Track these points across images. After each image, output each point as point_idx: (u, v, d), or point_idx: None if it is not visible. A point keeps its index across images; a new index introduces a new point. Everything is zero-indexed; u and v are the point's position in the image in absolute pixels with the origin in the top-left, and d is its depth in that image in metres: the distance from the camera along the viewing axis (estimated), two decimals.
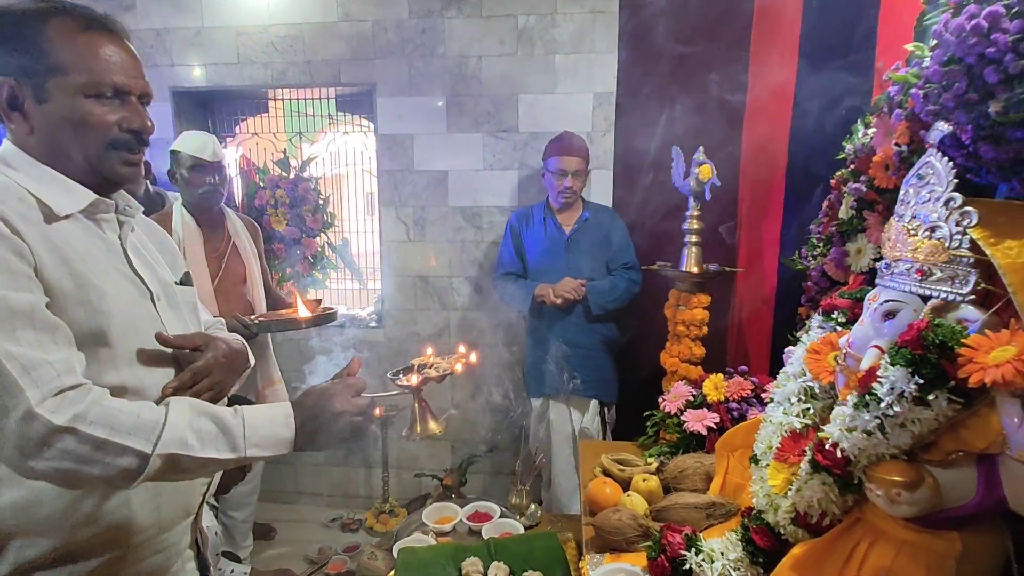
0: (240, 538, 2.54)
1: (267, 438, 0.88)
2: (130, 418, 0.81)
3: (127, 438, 0.79)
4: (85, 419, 0.78)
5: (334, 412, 0.92)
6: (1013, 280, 0.80)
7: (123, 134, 0.94)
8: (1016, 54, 0.80)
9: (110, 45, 0.93)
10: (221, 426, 0.86)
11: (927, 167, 0.90)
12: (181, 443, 0.82)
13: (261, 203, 3.10)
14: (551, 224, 2.59)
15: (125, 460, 0.80)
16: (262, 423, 0.89)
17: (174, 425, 0.83)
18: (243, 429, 0.87)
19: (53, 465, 0.77)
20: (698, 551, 1.06)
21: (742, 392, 1.63)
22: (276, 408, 0.92)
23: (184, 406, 0.87)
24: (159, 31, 2.98)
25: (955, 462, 0.82)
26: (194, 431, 0.84)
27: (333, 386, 0.96)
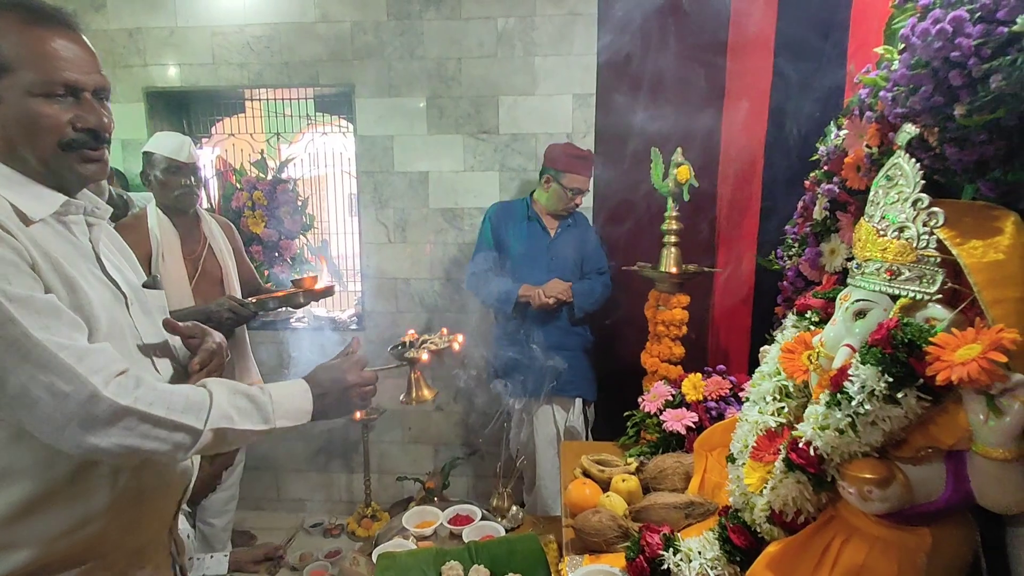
0: (219, 545, 2.50)
1: (291, 411, 0.97)
2: (181, 399, 0.87)
3: (181, 416, 0.86)
4: (145, 400, 0.83)
5: (346, 384, 1.03)
6: (978, 279, 0.81)
7: (78, 134, 0.90)
8: (979, 58, 0.82)
9: (59, 39, 0.88)
10: (254, 402, 0.94)
11: (895, 168, 0.92)
12: (226, 418, 0.90)
13: (238, 205, 3.06)
14: (536, 226, 2.59)
15: (179, 436, 0.86)
16: (286, 398, 0.97)
17: (219, 403, 0.90)
18: (271, 404, 0.95)
19: (116, 441, 0.81)
20: (676, 551, 1.07)
21: (720, 391, 1.64)
22: (294, 384, 1.01)
23: (222, 386, 0.93)
24: (131, 31, 2.92)
25: (925, 458, 0.83)
26: (234, 407, 0.91)
27: (343, 362, 1.06)
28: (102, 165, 0.95)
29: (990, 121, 0.84)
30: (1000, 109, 0.82)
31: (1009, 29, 0.78)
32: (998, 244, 0.83)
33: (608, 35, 2.73)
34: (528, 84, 2.85)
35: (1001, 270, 0.81)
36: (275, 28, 2.89)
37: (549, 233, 2.59)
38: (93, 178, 0.95)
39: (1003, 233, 0.83)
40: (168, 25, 2.91)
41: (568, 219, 2.60)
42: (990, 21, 0.81)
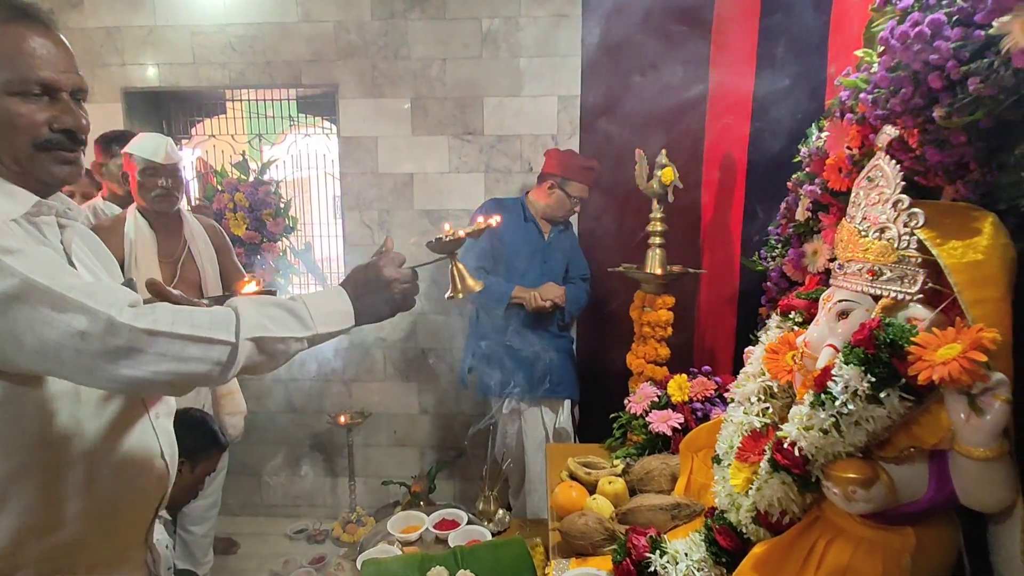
0: (200, 553, 2.45)
1: (331, 314, 0.94)
2: (205, 316, 0.84)
3: (210, 331, 0.83)
4: (165, 321, 0.80)
5: (386, 280, 0.99)
6: (958, 279, 0.82)
7: (54, 134, 0.88)
8: (958, 61, 0.82)
9: (36, 37, 0.86)
10: (287, 309, 0.91)
11: (876, 170, 0.93)
12: (260, 327, 0.86)
13: (219, 207, 3.01)
14: (533, 228, 2.58)
15: (216, 352, 0.83)
16: (321, 302, 0.94)
17: (247, 314, 0.86)
18: (307, 310, 0.92)
19: (152, 368, 0.79)
20: (663, 553, 1.06)
21: (706, 392, 1.65)
22: (328, 290, 0.98)
23: (247, 301, 0.90)
24: (109, 29, 2.87)
25: (908, 458, 0.84)
26: (266, 316, 0.88)
27: (379, 259, 1.02)
28: (76, 167, 0.93)
29: (969, 123, 0.85)
30: (978, 111, 0.83)
31: (986, 32, 0.78)
32: (977, 244, 0.84)
33: (593, 37, 2.73)
34: (513, 85, 2.84)
35: (980, 270, 0.82)
36: (257, 28, 2.85)
37: (544, 236, 2.59)
38: (67, 180, 0.93)
39: (982, 234, 0.84)
40: (147, 24, 2.86)
41: (560, 224, 2.61)
42: (968, 24, 0.81)
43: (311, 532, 3.02)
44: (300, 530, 3.05)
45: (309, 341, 0.92)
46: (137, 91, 2.95)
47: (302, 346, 0.92)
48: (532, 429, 2.57)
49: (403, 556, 1.51)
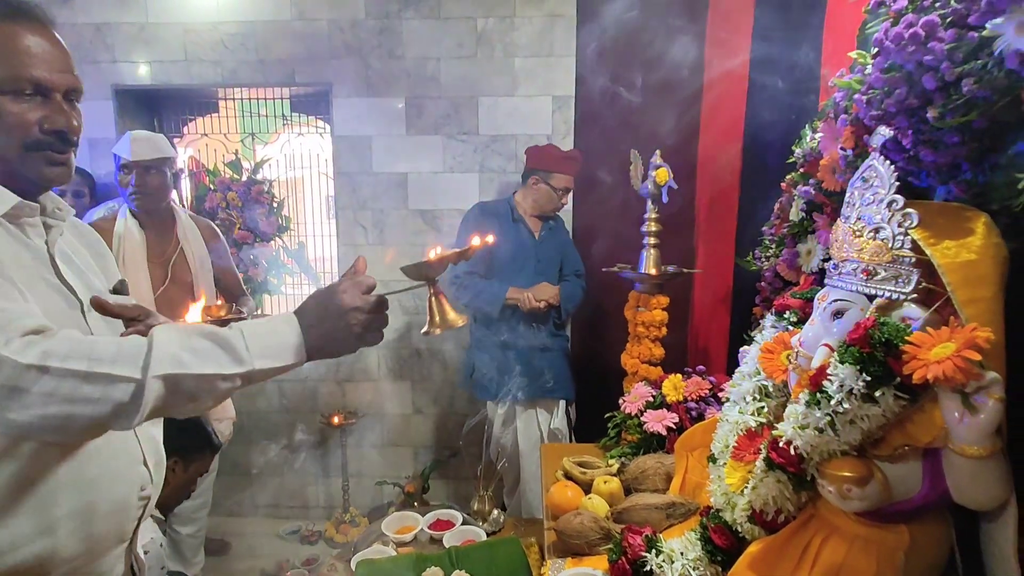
0: (190, 554, 2.43)
1: (272, 346, 0.81)
2: (110, 347, 0.74)
3: (112, 366, 0.73)
4: (57, 354, 0.71)
5: (345, 308, 0.83)
6: (952, 279, 0.83)
7: (45, 135, 0.86)
8: (951, 62, 0.83)
9: (31, 36, 0.85)
10: (217, 340, 0.79)
11: (870, 170, 0.93)
12: (175, 362, 0.75)
13: (211, 206, 2.99)
14: (522, 228, 2.57)
15: (117, 391, 0.72)
16: (263, 332, 0.81)
17: (162, 344, 0.75)
18: (243, 341, 0.79)
19: (38, 413, 0.70)
20: (658, 552, 1.07)
21: (700, 392, 1.65)
22: (277, 318, 0.85)
23: (171, 329, 0.79)
24: (99, 26, 2.84)
25: (902, 457, 0.84)
26: (187, 349, 0.76)
27: (340, 283, 0.87)
28: (67, 168, 0.91)
29: (962, 124, 0.86)
30: (972, 112, 0.84)
31: (980, 34, 0.79)
32: (970, 244, 0.84)
33: (588, 37, 2.74)
34: (508, 85, 2.84)
35: (974, 270, 0.83)
36: (250, 26, 2.83)
37: (535, 235, 2.58)
38: (57, 181, 0.91)
39: (975, 234, 0.85)
40: (138, 21, 2.83)
41: (550, 221, 2.61)
42: (962, 26, 0.82)
43: (304, 533, 3.01)
44: (293, 531, 3.03)
45: (244, 379, 0.79)
46: (128, 89, 2.92)
47: (233, 384, 0.79)
48: (527, 429, 2.56)
49: (398, 556, 1.51)
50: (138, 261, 2.09)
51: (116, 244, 2.07)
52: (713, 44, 2.39)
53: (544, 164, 2.49)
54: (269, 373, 0.81)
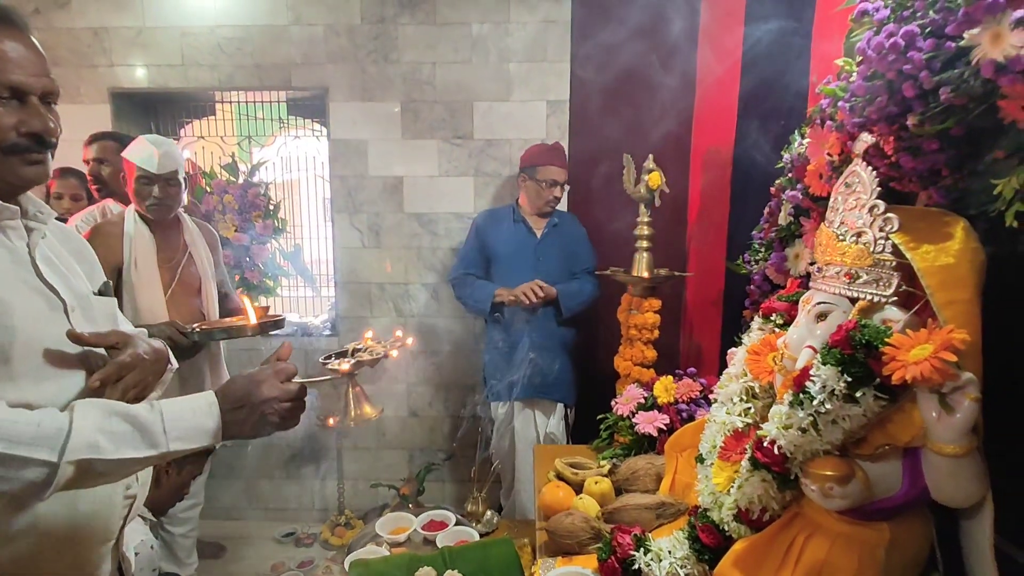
0: (184, 555, 2.43)
1: (190, 430, 0.85)
2: (29, 428, 0.76)
3: (29, 449, 0.75)
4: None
5: (262, 398, 0.89)
6: (930, 282, 0.85)
7: (21, 139, 0.87)
8: (930, 71, 0.85)
9: (6, 40, 0.85)
10: (136, 424, 0.82)
11: (853, 176, 0.96)
12: (91, 447, 0.78)
13: (208, 208, 3.00)
14: (523, 227, 2.60)
15: (31, 472, 0.75)
16: (184, 414, 0.85)
17: (81, 430, 0.78)
18: (162, 424, 0.83)
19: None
20: (647, 551, 1.08)
21: (691, 393, 1.67)
22: (198, 399, 0.88)
23: (91, 408, 0.82)
24: (96, 30, 2.86)
25: (883, 456, 0.86)
26: (105, 433, 0.80)
27: (261, 371, 0.92)
28: (44, 168, 0.92)
29: (941, 131, 0.88)
30: (950, 119, 0.86)
31: (957, 44, 0.81)
32: (949, 249, 0.87)
33: (582, 42, 2.77)
34: (502, 90, 2.86)
35: (952, 273, 0.85)
36: (247, 30, 2.85)
37: (535, 234, 2.60)
38: (35, 181, 0.91)
39: (953, 238, 0.87)
40: (135, 25, 2.85)
41: (554, 219, 2.61)
42: (940, 36, 0.84)
43: (299, 535, 3.01)
44: (288, 533, 3.04)
45: (157, 460, 0.84)
46: (125, 92, 2.93)
47: (146, 465, 0.84)
48: (524, 430, 2.58)
49: (391, 557, 1.52)
50: (150, 264, 2.10)
51: (127, 246, 2.07)
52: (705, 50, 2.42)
53: (528, 161, 2.55)
54: (182, 454, 0.85)
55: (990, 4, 0.77)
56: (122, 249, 2.07)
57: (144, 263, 2.09)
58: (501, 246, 2.60)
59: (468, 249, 2.67)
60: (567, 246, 2.60)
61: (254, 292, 3.10)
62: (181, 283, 2.19)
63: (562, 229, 2.62)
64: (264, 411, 0.89)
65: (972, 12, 0.79)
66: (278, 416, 0.91)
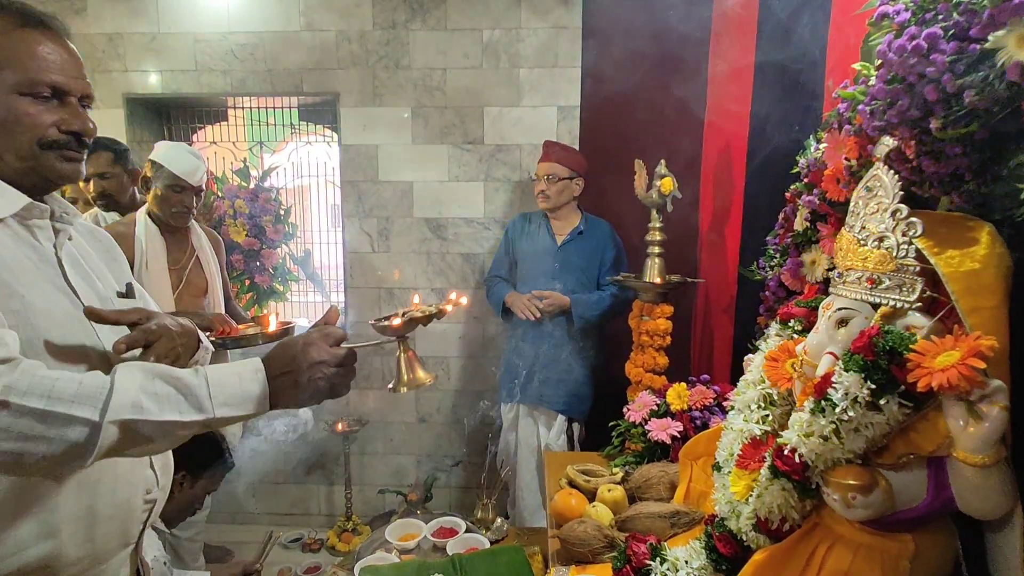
0: (190, 559, 2.42)
1: (236, 395, 0.82)
2: (71, 386, 0.74)
3: (70, 407, 0.73)
4: (17, 390, 0.71)
5: (310, 362, 0.85)
6: (955, 288, 0.83)
7: (61, 135, 0.90)
8: (953, 74, 0.84)
9: (48, 43, 0.89)
10: (180, 387, 0.79)
11: (875, 180, 0.94)
12: (135, 407, 0.75)
13: (219, 213, 3.02)
14: (545, 232, 2.58)
15: (73, 432, 0.73)
16: (229, 380, 0.82)
17: (123, 389, 0.76)
18: (207, 388, 0.80)
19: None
20: (663, 560, 1.07)
21: (704, 401, 1.65)
22: (244, 364, 0.85)
23: (134, 369, 0.80)
24: (111, 36, 2.89)
25: (906, 465, 0.85)
26: (148, 394, 0.77)
27: (309, 335, 0.88)
28: (78, 167, 0.94)
29: (964, 135, 0.87)
30: (973, 123, 0.84)
31: (981, 47, 0.80)
32: (974, 254, 0.85)
33: (592, 48, 2.77)
34: (513, 95, 2.87)
35: (977, 279, 0.83)
36: (259, 36, 2.87)
37: (556, 240, 2.56)
38: (70, 178, 0.94)
39: (979, 243, 0.86)
40: (150, 31, 2.88)
41: (580, 225, 2.56)
42: (963, 39, 0.83)
43: (306, 541, 3.00)
44: (295, 539, 3.03)
45: (202, 426, 0.80)
46: (138, 97, 2.96)
47: (190, 432, 0.80)
48: (526, 437, 2.56)
49: (401, 563, 1.50)
50: (161, 267, 2.14)
51: (138, 249, 2.10)
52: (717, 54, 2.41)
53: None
54: (229, 421, 0.82)
55: (1016, 5, 0.76)
56: (133, 252, 2.09)
57: (155, 266, 2.12)
58: (524, 250, 2.61)
59: (499, 252, 2.72)
60: (592, 254, 2.53)
61: (264, 297, 3.11)
62: (188, 286, 2.22)
63: (588, 236, 2.55)
64: (313, 376, 0.85)
65: (997, 14, 0.78)
66: (327, 382, 0.86)
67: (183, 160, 2.12)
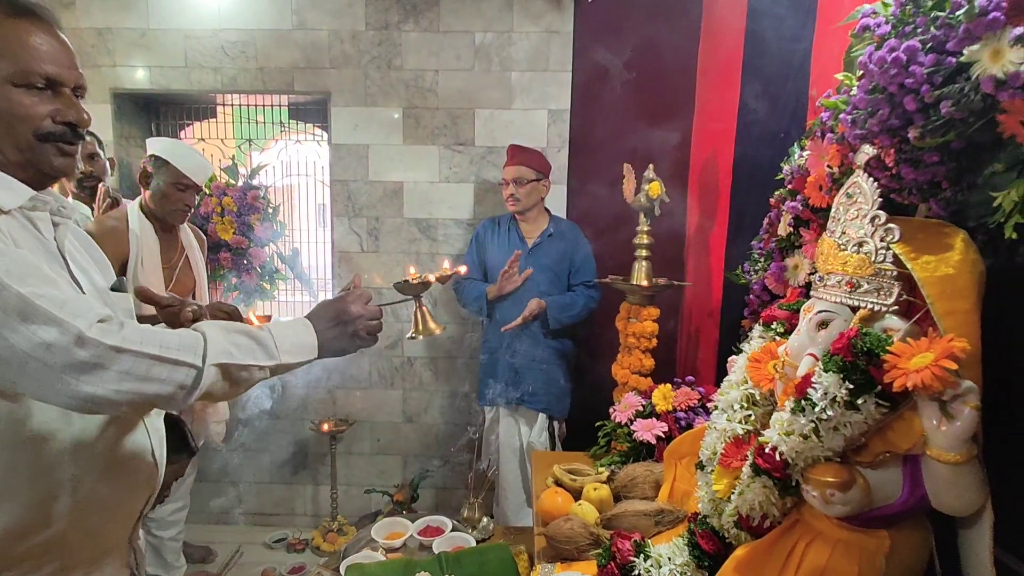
0: (172, 558, 2.40)
1: (296, 344, 0.96)
2: (174, 338, 0.84)
3: (178, 353, 0.83)
4: (135, 340, 0.80)
5: (352, 316, 1.02)
6: (931, 292, 0.86)
7: (56, 126, 0.90)
8: (931, 85, 0.87)
9: (41, 34, 0.89)
10: (254, 338, 0.92)
11: (855, 187, 0.97)
12: (226, 353, 0.87)
13: (206, 210, 3.00)
14: (514, 234, 2.62)
15: (180, 374, 0.83)
16: (287, 332, 0.96)
17: (214, 339, 0.87)
18: (273, 339, 0.93)
19: (113, 387, 0.78)
20: (646, 557, 1.08)
21: (689, 402, 1.68)
22: (295, 321, 1.00)
23: (215, 326, 0.91)
24: (101, 30, 2.86)
25: (883, 463, 0.87)
26: (233, 344, 0.89)
27: (347, 295, 1.05)
28: (73, 160, 0.95)
29: (941, 144, 0.90)
30: (950, 133, 0.87)
31: (957, 59, 0.83)
32: (949, 259, 0.88)
33: (583, 53, 2.79)
34: (504, 98, 2.88)
35: (952, 283, 0.86)
36: (250, 34, 2.86)
37: (527, 243, 2.60)
38: (64, 171, 0.94)
39: (953, 249, 0.89)
40: (139, 26, 2.86)
41: (550, 228, 2.60)
42: (941, 52, 0.86)
43: (291, 541, 2.98)
44: (279, 539, 3.01)
45: (272, 371, 0.94)
46: (126, 92, 2.94)
47: (264, 375, 0.94)
48: (508, 437, 2.57)
49: (387, 562, 1.51)
50: (155, 264, 2.12)
51: (134, 244, 2.08)
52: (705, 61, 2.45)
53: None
54: (291, 367, 0.96)
55: (990, 21, 0.79)
56: (128, 247, 2.06)
57: (150, 262, 2.10)
58: (494, 252, 2.62)
59: (468, 255, 2.72)
60: (562, 256, 2.57)
61: (251, 295, 3.09)
62: (178, 284, 2.21)
63: (557, 239, 2.59)
64: (356, 327, 1.02)
65: (972, 29, 0.81)
66: (367, 332, 1.04)
67: (189, 157, 2.10)
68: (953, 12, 0.83)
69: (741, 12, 2.09)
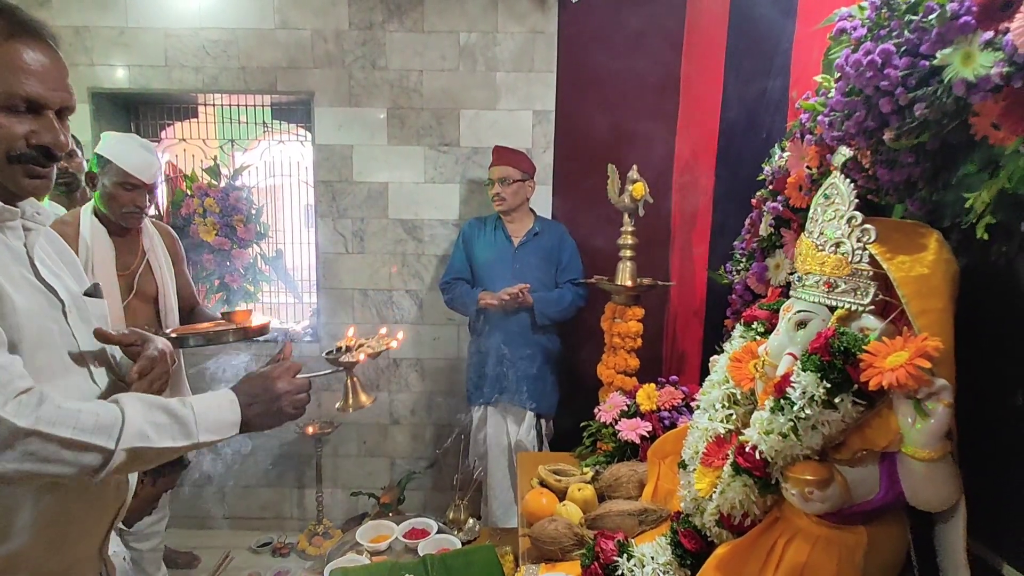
0: (152, 568, 2.34)
1: (217, 422, 0.93)
2: (91, 417, 0.82)
3: (91, 436, 0.81)
4: (48, 421, 0.78)
5: (277, 392, 0.99)
6: (906, 291, 0.88)
7: (29, 149, 0.88)
8: (905, 87, 0.88)
9: (31, 52, 0.86)
10: (173, 416, 0.90)
11: (832, 188, 0.98)
12: (141, 436, 0.85)
13: (188, 212, 2.97)
14: (501, 234, 2.63)
15: (89, 457, 0.81)
16: (210, 410, 0.94)
17: (132, 420, 0.85)
18: (194, 417, 0.91)
19: (14, 467, 0.77)
20: (629, 556, 1.09)
21: (673, 401, 1.69)
22: (220, 395, 0.97)
23: (136, 401, 0.89)
24: (78, 29, 2.81)
25: (860, 460, 0.88)
26: (151, 423, 0.87)
27: (273, 369, 1.02)
28: (46, 182, 0.93)
29: (916, 145, 0.91)
30: (924, 134, 0.89)
31: (931, 63, 0.85)
32: (923, 259, 0.89)
33: (568, 54, 2.80)
34: (489, 98, 2.88)
35: (926, 283, 0.88)
36: (232, 33, 2.83)
37: (513, 242, 2.62)
38: (35, 193, 0.92)
39: (928, 249, 0.90)
40: (118, 25, 2.82)
41: (535, 227, 2.63)
42: (915, 55, 0.88)
43: (276, 545, 2.95)
44: (264, 543, 2.98)
45: (188, 450, 0.93)
46: (105, 92, 2.89)
47: (178, 454, 0.92)
48: (496, 436, 2.58)
49: (372, 565, 1.50)
50: (109, 272, 1.95)
51: (83, 251, 1.92)
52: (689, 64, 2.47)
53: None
54: (209, 445, 0.94)
55: (961, 25, 0.80)
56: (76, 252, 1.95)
57: (102, 271, 1.93)
58: (481, 252, 2.63)
59: (455, 255, 2.72)
60: (549, 255, 2.61)
61: (234, 297, 3.06)
62: (139, 293, 2.04)
63: (543, 238, 2.62)
64: (281, 405, 0.99)
65: (945, 32, 0.82)
66: (293, 407, 1.01)
67: (133, 154, 1.91)
68: (926, 16, 0.85)
69: (724, 14, 2.10)
